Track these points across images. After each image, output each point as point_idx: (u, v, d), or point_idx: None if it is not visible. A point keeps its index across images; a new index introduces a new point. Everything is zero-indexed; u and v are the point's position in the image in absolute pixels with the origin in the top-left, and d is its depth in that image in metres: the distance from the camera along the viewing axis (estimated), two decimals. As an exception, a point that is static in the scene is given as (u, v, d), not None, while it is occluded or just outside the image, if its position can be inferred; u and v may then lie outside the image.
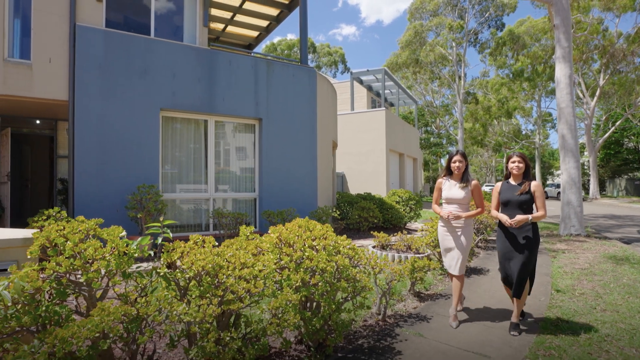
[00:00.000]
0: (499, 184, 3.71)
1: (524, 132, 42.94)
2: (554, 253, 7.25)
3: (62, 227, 2.32)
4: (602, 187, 38.78)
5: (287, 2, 9.70)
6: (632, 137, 36.66)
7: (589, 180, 35.03)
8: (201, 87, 7.63)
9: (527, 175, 3.57)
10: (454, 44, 29.06)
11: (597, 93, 26.83)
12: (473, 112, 34.84)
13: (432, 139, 40.74)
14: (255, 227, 8.22)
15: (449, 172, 3.82)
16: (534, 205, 3.52)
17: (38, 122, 9.13)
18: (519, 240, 3.44)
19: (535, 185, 3.48)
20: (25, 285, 1.97)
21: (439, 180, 3.89)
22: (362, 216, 8.61)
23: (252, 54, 9.06)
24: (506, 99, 33.11)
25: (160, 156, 7.30)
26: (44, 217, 5.34)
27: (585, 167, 38.63)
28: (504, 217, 3.48)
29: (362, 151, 16.90)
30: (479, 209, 3.72)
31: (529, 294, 3.63)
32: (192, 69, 7.57)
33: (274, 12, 10.23)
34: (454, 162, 3.73)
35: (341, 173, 17.68)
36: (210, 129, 7.89)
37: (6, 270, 2.25)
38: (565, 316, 3.86)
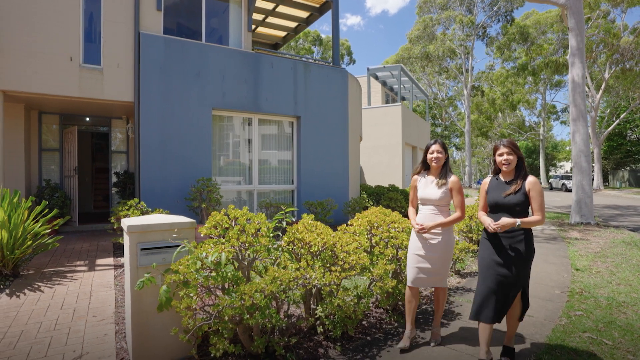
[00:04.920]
0: (487, 179, 3.00)
1: (527, 125, 43.57)
2: (569, 239, 8.05)
3: (223, 214, 3.09)
4: (605, 178, 39.53)
5: (318, 5, 10.33)
6: (635, 129, 37.31)
7: (593, 172, 35.78)
8: (247, 88, 8.34)
9: (521, 169, 2.81)
10: (463, 37, 29.54)
11: (603, 86, 27.45)
12: (478, 105, 35.45)
13: (437, 130, 41.36)
14: (294, 216, 8.99)
15: (425, 167, 3.22)
16: (529, 209, 2.79)
17: (88, 119, 9.85)
18: (507, 252, 2.71)
19: (530, 182, 2.73)
20: (212, 255, 2.75)
21: (414, 177, 3.24)
22: (390, 206, 9.39)
23: (296, 58, 9.73)
24: (510, 92, 33.69)
25: (212, 151, 8.04)
26: (127, 207, 6.10)
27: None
28: (487, 221, 2.78)
29: (379, 144, 17.61)
30: (458, 215, 3.06)
31: (520, 319, 2.86)
32: (239, 71, 8.27)
33: (304, 14, 10.87)
34: (432, 152, 3.10)
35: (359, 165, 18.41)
36: (254, 126, 8.62)
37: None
38: (587, 288, 4.65)
